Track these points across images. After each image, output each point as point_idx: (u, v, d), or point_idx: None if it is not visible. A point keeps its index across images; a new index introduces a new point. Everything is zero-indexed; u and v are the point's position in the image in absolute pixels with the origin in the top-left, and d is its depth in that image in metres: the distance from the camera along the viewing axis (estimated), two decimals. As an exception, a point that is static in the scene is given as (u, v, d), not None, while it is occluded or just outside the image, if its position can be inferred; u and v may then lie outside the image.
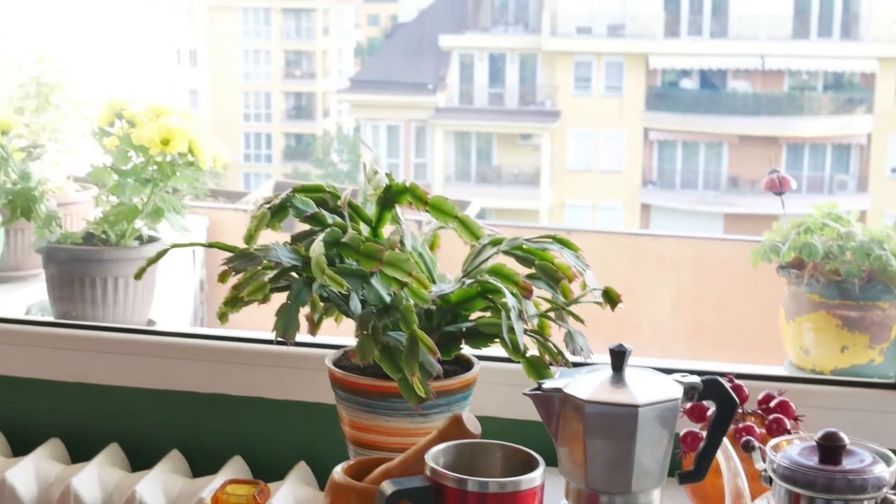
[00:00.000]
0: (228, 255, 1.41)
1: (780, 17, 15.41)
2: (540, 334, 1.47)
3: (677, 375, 1.29)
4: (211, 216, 3.24)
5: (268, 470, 1.75)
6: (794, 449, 1.27)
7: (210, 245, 1.46)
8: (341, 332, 1.59)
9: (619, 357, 1.26)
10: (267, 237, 1.47)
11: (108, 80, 4.44)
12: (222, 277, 1.41)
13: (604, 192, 15.78)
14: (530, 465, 1.18)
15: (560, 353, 1.45)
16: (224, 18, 20.13)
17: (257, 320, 1.70)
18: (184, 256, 2.91)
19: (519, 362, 1.44)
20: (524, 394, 1.25)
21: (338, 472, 1.29)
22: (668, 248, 2.89)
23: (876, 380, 1.73)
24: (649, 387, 1.25)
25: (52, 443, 1.79)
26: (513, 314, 1.37)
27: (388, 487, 1.15)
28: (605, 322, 1.54)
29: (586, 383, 1.25)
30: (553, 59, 16.28)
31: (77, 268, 2.05)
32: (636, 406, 1.21)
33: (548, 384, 1.25)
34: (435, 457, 1.19)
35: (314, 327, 1.41)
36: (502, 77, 16.87)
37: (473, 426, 1.24)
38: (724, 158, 15.51)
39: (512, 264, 1.48)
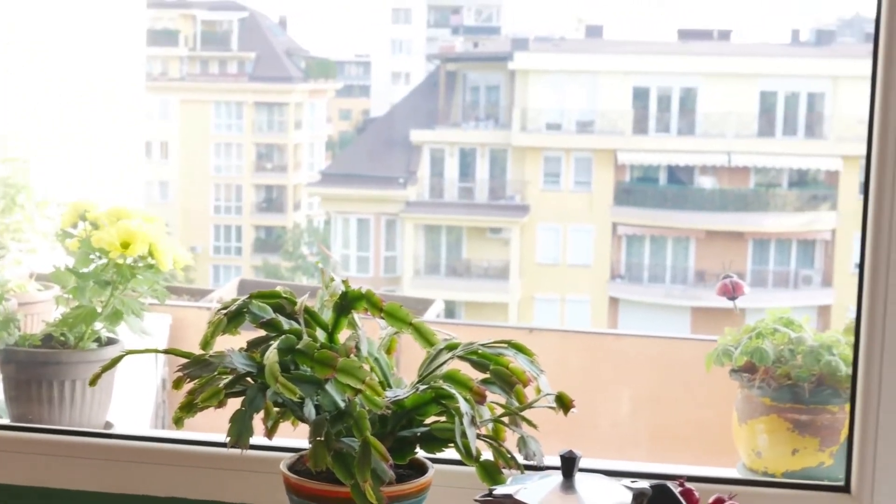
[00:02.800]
0: (184, 362, 1.43)
1: (746, 115, 15.63)
2: (494, 439, 1.48)
3: (626, 481, 1.30)
4: (174, 314, 3.25)
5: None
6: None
7: (166, 352, 1.48)
8: (298, 435, 1.60)
9: (569, 463, 1.28)
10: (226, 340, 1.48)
11: (76, 173, 4.45)
12: (177, 384, 1.42)
13: (572, 285, 15.83)
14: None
15: (513, 457, 1.46)
16: (196, 111, 20.24)
17: (217, 422, 1.71)
18: (145, 356, 2.90)
19: (472, 467, 1.45)
20: (475, 500, 1.26)
21: (290, 578, 1.29)
22: (630, 347, 2.91)
23: (826, 482, 1.75)
24: (599, 494, 1.26)
25: (7, 546, 1.78)
26: (465, 420, 1.39)
27: None
28: (563, 421, 1.56)
29: (537, 490, 1.26)
30: (523, 155, 16.42)
31: (35, 370, 2.05)
32: (585, 513, 1.22)
33: (499, 490, 1.27)
34: (385, 564, 1.19)
35: (270, 431, 1.42)
36: (472, 172, 16.99)
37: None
38: (692, 253, 15.62)
39: (468, 369, 1.50)
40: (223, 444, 1.74)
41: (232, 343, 1.48)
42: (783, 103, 15.56)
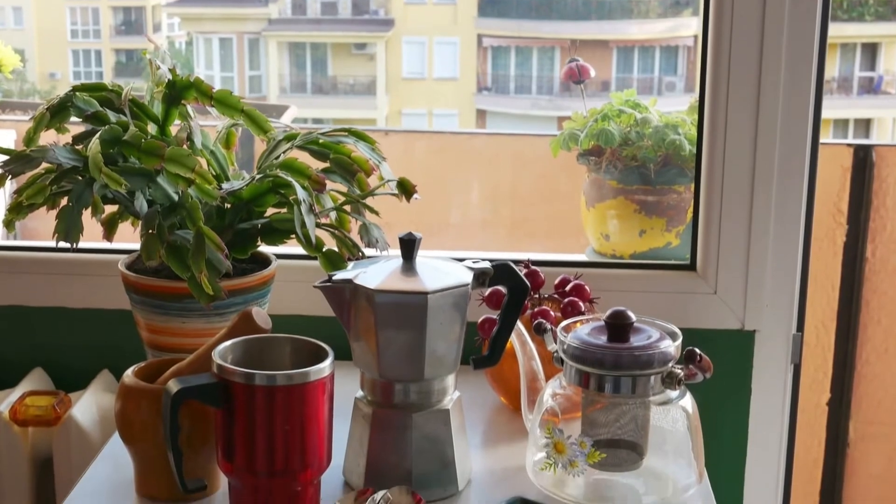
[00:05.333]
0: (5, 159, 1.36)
1: (609, -80, 15.49)
2: (338, 229, 1.45)
3: (468, 262, 1.28)
4: (18, 129, 3.12)
5: (70, 380, 1.71)
6: (584, 329, 1.29)
7: (-16, 148, 1.40)
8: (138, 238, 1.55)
9: (408, 246, 1.25)
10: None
11: None
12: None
13: (439, 99, 15.75)
14: (319, 357, 1.16)
15: (356, 246, 1.44)
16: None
17: (42, 229, 1.65)
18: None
19: (316, 257, 1.42)
20: (315, 286, 1.23)
21: (128, 374, 1.26)
22: (485, 146, 2.89)
23: (672, 261, 1.77)
24: (439, 274, 1.24)
25: None
26: (303, 208, 1.35)
27: (173, 386, 1.13)
28: (415, 219, 1.54)
29: (377, 273, 1.24)
30: (385, -33, 16.11)
31: None
32: (425, 293, 1.20)
33: (338, 276, 1.24)
34: (223, 353, 1.16)
35: (109, 232, 1.37)
36: (335, -14, 16.63)
37: (263, 321, 1.22)
38: (557, 63, 15.62)
39: (308, 159, 1.46)
40: (62, 250, 1.70)
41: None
42: None
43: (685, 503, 1.27)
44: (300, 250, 1.44)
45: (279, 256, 1.52)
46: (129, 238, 1.53)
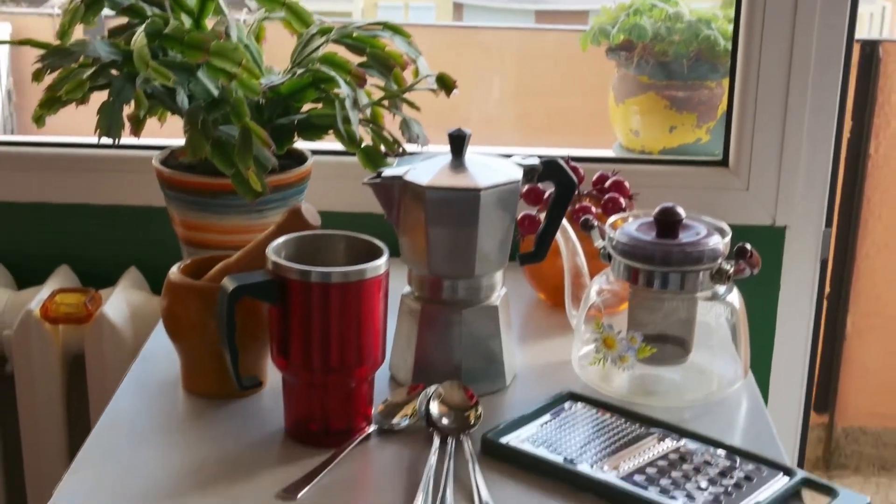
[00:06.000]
0: (42, 52, 1.33)
1: None
2: (375, 123, 1.44)
3: (517, 158, 1.27)
4: (14, 22, 3.07)
5: (97, 278, 1.70)
6: (631, 225, 1.28)
7: (20, 42, 1.37)
8: (164, 134, 1.53)
9: (458, 142, 1.24)
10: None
11: None
12: (37, 76, 1.32)
13: (417, -8, 15.60)
14: (374, 254, 1.15)
15: (396, 141, 1.42)
16: None
17: (72, 126, 1.63)
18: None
19: (354, 154, 1.41)
20: (364, 182, 1.22)
21: (174, 272, 1.25)
22: (492, 40, 2.86)
23: (704, 157, 1.76)
24: (490, 170, 1.23)
25: None
26: (347, 103, 1.33)
27: (229, 283, 1.12)
28: (433, 116, 1.52)
29: (426, 170, 1.23)
30: None
31: None
32: (478, 190, 1.19)
33: (387, 172, 1.22)
34: (276, 250, 1.15)
35: (137, 127, 1.35)
36: None
37: (313, 217, 1.21)
38: (537, -45, 15.47)
39: (343, 53, 1.44)
40: (88, 146, 1.68)
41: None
42: None
43: (729, 398, 1.28)
44: (333, 145, 1.43)
45: (313, 153, 1.51)
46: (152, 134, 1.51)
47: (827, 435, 2.92)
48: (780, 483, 1.09)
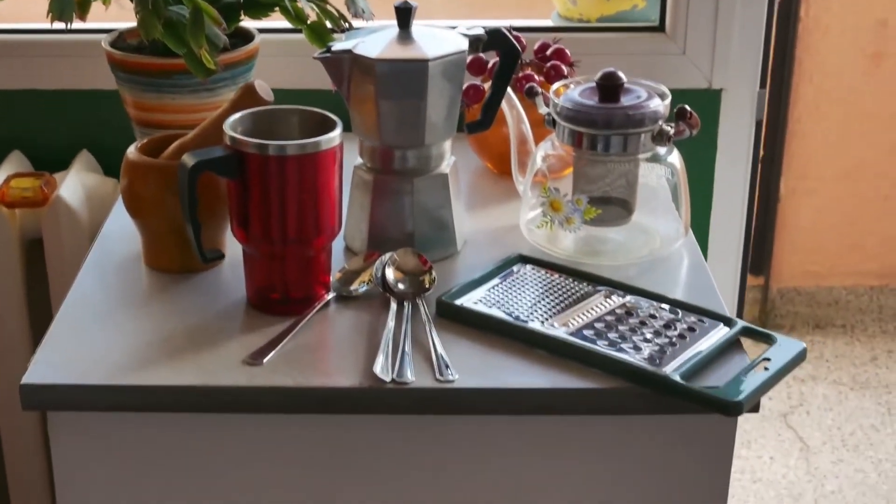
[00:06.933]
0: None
1: None
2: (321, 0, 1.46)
3: (462, 28, 1.30)
4: None
5: (50, 162, 1.72)
6: (575, 91, 1.32)
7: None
8: (109, 18, 1.54)
9: (405, 14, 1.27)
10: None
11: None
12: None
13: None
14: (328, 127, 1.19)
15: (342, 17, 1.44)
16: None
17: (16, 13, 1.63)
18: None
19: (300, 31, 1.43)
20: (314, 57, 1.24)
21: (132, 151, 1.28)
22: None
23: (641, 23, 1.80)
24: (437, 41, 1.26)
25: None
26: (293, -20, 1.35)
27: (189, 159, 1.15)
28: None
29: (375, 42, 1.25)
30: None
31: None
32: (426, 60, 1.23)
33: (337, 46, 1.25)
34: (233, 126, 1.18)
35: (83, 10, 1.36)
36: None
37: (266, 93, 1.24)
38: None
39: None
40: (35, 31, 1.69)
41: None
42: None
43: (672, 255, 1.33)
44: (281, 24, 1.44)
45: (259, 31, 1.53)
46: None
47: (763, 296, 3.01)
48: (721, 333, 1.15)
